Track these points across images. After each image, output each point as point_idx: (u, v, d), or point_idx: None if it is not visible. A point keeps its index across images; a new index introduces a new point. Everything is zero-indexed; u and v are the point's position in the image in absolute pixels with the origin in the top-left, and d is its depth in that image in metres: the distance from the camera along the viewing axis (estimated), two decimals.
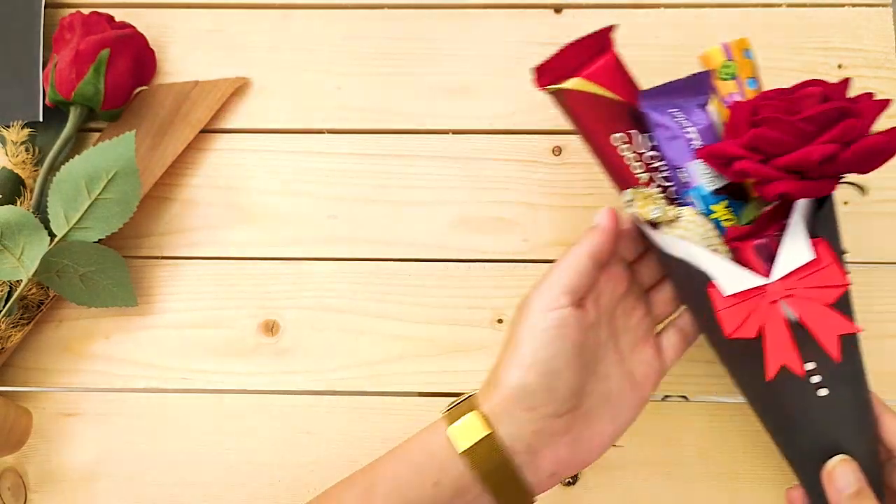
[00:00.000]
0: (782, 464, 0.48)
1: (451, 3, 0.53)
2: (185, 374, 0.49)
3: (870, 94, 0.38)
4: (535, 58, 0.52)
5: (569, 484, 0.48)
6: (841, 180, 0.38)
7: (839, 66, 0.52)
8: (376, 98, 0.52)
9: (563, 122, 0.52)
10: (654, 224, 0.41)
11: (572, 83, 0.42)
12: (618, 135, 0.42)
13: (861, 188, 0.41)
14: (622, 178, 0.43)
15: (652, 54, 0.52)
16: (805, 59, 0.52)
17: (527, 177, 0.52)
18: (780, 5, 0.53)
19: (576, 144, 0.52)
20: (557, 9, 0.53)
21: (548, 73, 0.43)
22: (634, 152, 0.42)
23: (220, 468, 0.48)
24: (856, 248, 0.49)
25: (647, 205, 0.39)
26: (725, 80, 0.42)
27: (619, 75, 0.43)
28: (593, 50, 0.43)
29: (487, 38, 0.53)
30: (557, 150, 0.52)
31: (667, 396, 0.49)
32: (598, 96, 0.41)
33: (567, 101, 0.43)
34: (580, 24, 0.52)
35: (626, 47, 0.52)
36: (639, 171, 0.42)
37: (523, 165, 0.52)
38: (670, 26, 0.52)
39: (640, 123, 0.42)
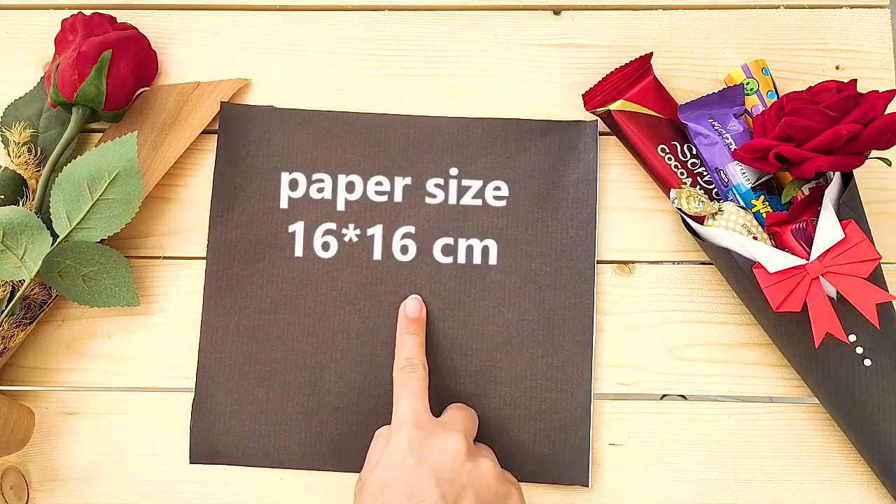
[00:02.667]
0: (782, 462, 0.48)
1: (450, 6, 0.53)
2: (186, 374, 0.50)
3: (874, 90, 0.42)
4: (534, 59, 0.53)
5: None
6: (868, 156, 0.43)
7: (837, 68, 0.52)
8: (376, 100, 0.52)
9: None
10: (699, 219, 0.46)
11: (617, 105, 0.48)
12: (662, 146, 0.47)
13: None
14: (669, 185, 0.48)
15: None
16: (803, 61, 0.52)
17: None
18: (777, 7, 0.53)
19: None
20: (556, 11, 0.53)
21: (595, 97, 0.49)
22: (678, 161, 0.47)
23: (220, 466, 0.49)
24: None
25: (691, 201, 0.45)
26: (749, 94, 0.48)
27: (658, 95, 0.48)
28: (634, 74, 0.49)
29: (487, 40, 0.53)
30: None
31: (665, 396, 0.50)
32: (640, 114, 0.48)
33: (614, 120, 0.49)
34: (579, 26, 0.53)
35: (626, 50, 0.52)
36: (683, 177, 0.47)
37: None
38: (669, 29, 0.52)
39: (680, 135, 0.48)
